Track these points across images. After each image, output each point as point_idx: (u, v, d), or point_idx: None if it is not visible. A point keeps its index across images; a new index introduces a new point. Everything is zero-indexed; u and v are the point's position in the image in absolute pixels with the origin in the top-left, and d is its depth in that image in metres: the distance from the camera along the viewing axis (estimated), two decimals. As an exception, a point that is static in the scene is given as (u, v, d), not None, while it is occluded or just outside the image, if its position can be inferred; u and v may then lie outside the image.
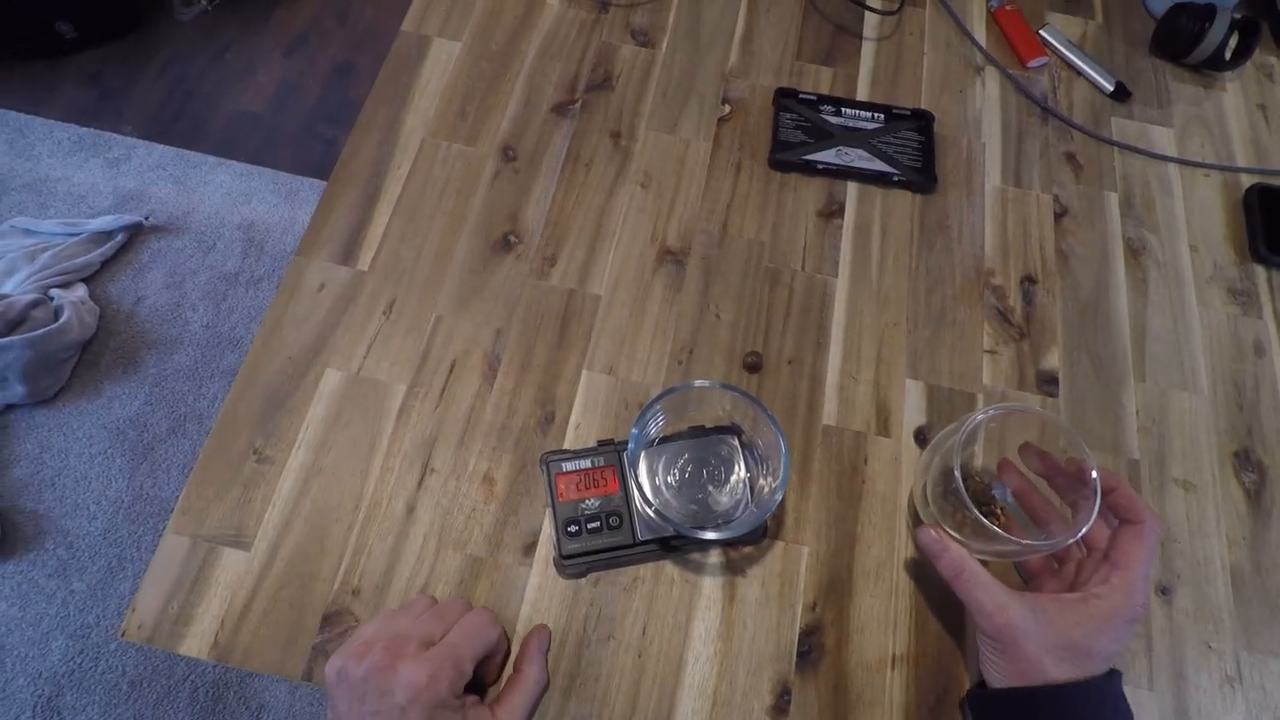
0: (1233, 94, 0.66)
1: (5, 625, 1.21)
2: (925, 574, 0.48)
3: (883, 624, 0.47)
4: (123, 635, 0.44)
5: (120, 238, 1.52)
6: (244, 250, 1.58)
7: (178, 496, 1.33)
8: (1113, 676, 0.38)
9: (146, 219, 1.56)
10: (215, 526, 0.47)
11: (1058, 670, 0.37)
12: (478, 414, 0.51)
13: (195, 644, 0.44)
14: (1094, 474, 0.40)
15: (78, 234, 1.48)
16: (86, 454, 1.35)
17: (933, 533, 0.43)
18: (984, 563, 0.41)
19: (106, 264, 1.51)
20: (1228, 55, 0.64)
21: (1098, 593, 0.38)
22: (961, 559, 0.41)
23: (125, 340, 1.46)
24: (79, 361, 1.41)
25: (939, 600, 0.47)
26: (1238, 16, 0.64)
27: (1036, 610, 0.38)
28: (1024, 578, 0.46)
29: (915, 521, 0.48)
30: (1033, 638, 0.37)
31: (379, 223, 0.57)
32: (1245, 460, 0.52)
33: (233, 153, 1.70)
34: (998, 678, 0.39)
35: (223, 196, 1.64)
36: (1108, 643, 0.37)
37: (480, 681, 0.43)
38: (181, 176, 1.65)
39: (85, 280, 1.47)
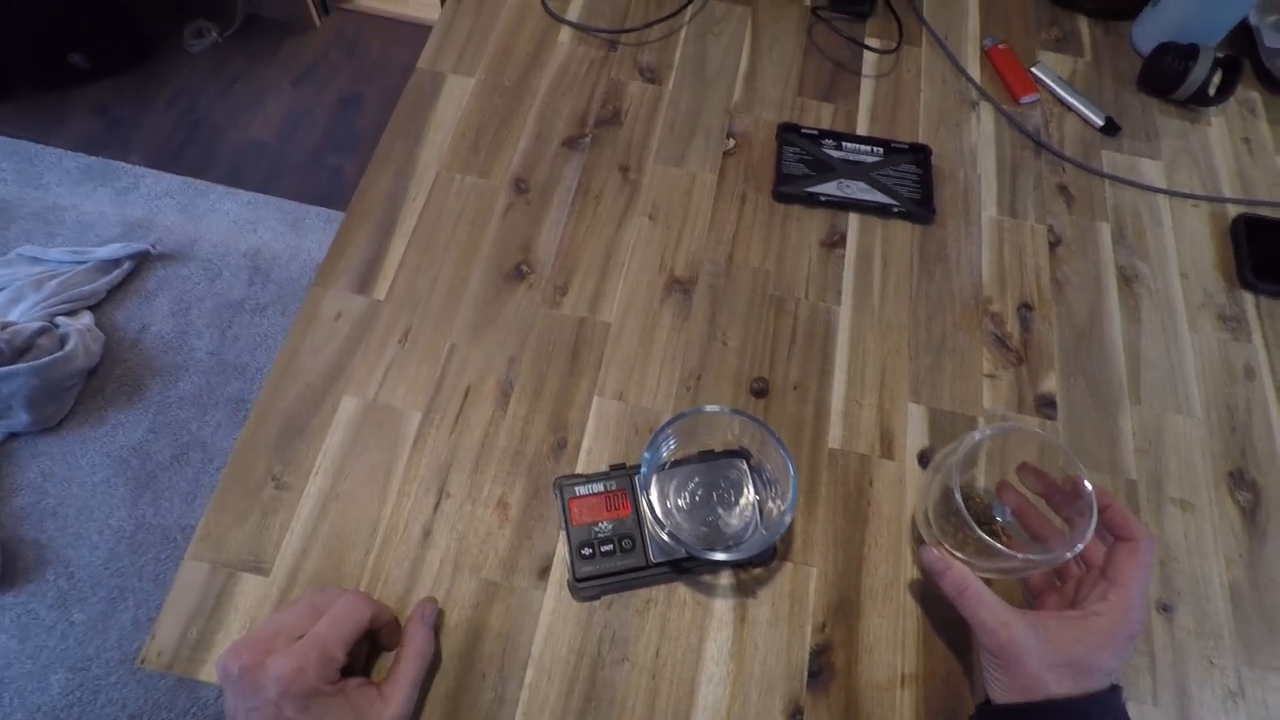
0: (1218, 128, 0.68)
1: (4, 658, 1.21)
2: (931, 594, 0.49)
3: (891, 644, 0.47)
4: (142, 663, 0.44)
5: (127, 266, 1.54)
6: (250, 278, 1.60)
7: (180, 525, 1.34)
8: (1114, 692, 0.39)
9: (153, 247, 1.58)
10: (234, 552, 0.47)
11: (1059, 686, 0.37)
12: (492, 440, 0.52)
13: (214, 671, 0.44)
14: (1089, 489, 0.41)
15: (84, 262, 1.49)
16: (89, 482, 1.36)
17: (935, 551, 0.44)
18: (987, 581, 0.42)
19: (113, 292, 1.53)
20: (1212, 91, 0.66)
21: (1097, 610, 0.39)
22: (964, 577, 0.42)
23: (130, 368, 1.47)
24: (84, 389, 1.42)
25: (945, 620, 0.48)
26: (1220, 55, 0.66)
27: (1038, 628, 0.39)
28: (1028, 596, 0.47)
29: (918, 541, 0.49)
30: (1034, 654, 0.38)
31: (395, 253, 0.59)
32: (1240, 480, 0.53)
33: (240, 181, 1.72)
34: (1001, 694, 0.40)
35: (229, 224, 1.66)
36: (1108, 658, 0.38)
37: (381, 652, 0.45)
38: (189, 205, 1.67)
39: (91, 308, 1.49)
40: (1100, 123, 0.67)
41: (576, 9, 0.73)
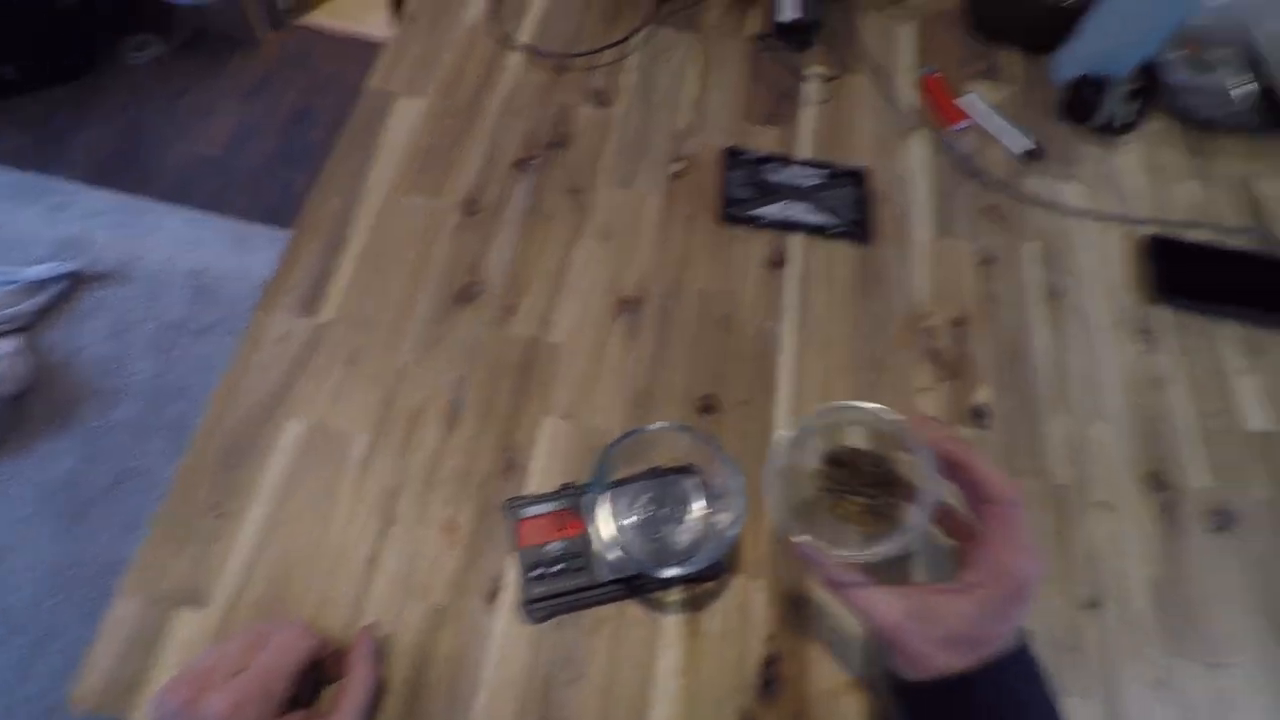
0: (1130, 154, 0.73)
1: (-79, 706, 1.14)
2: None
3: (839, 653, 0.49)
4: (73, 704, 0.42)
5: (58, 287, 1.48)
6: (193, 298, 1.55)
7: (118, 559, 1.28)
8: (1018, 652, 0.38)
9: (88, 267, 1.53)
10: (171, 585, 0.46)
11: (950, 661, 0.37)
12: (440, 461, 0.52)
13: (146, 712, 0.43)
14: (922, 447, 0.39)
15: (13, 283, 1.44)
16: (13, 517, 1.29)
17: (805, 540, 0.41)
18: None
19: (46, 313, 1.47)
20: (1125, 121, 0.71)
21: (971, 580, 0.38)
22: (835, 570, 0.40)
23: (62, 393, 1.41)
24: (8, 417, 1.36)
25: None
26: (1132, 87, 0.71)
27: (919, 608, 0.38)
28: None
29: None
30: (918, 636, 0.37)
31: (342, 274, 0.58)
32: (1156, 481, 0.56)
33: (184, 198, 1.68)
34: (900, 670, 0.39)
35: (172, 243, 1.61)
36: (997, 625, 0.37)
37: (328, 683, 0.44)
38: (127, 223, 1.62)
39: (21, 330, 1.43)
40: (1026, 149, 0.71)
41: (528, 32, 0.75)
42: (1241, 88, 0.77)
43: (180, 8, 1.84)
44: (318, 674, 0.44)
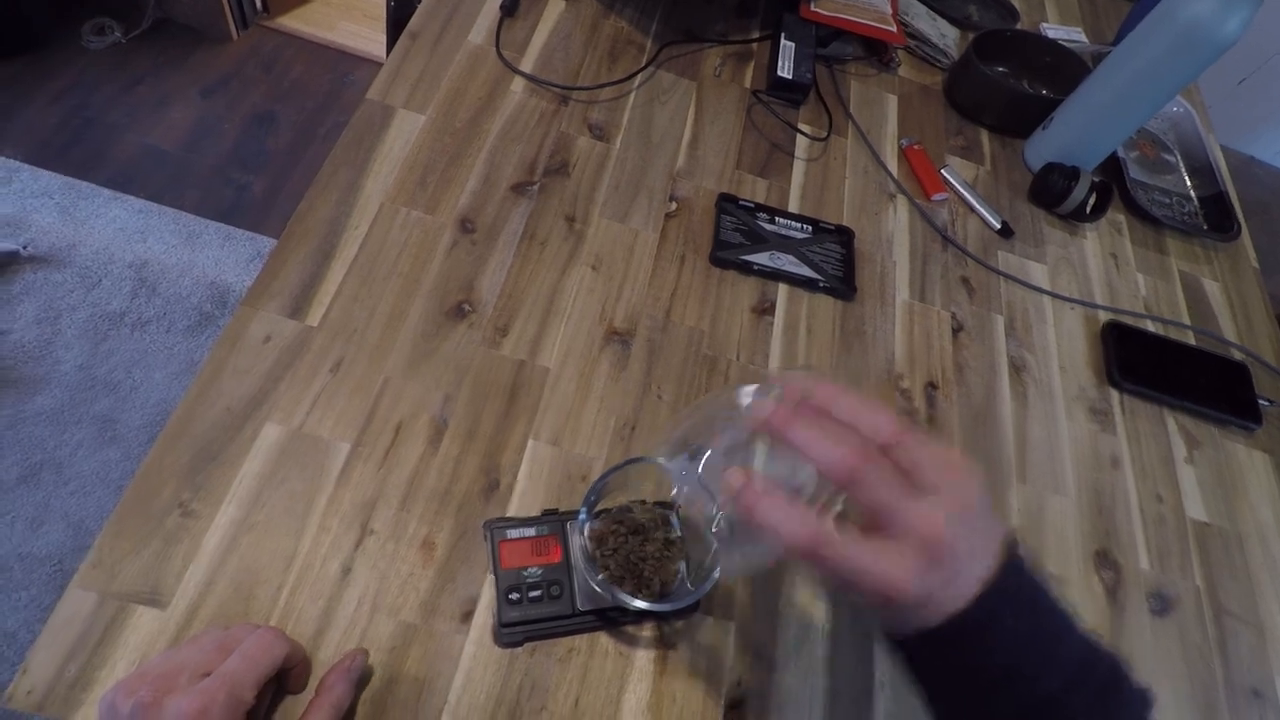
0: (1092, 241, 0.78)
1: None
2: (838, 656, 0.51)
3: (800, 701, 0.49)
4: (8, 701, 0.39)
5: (-11, 264, 1.40)
6: (134, 290, 1.49)
7: (19, 554, 1.19)
8: (1014, 558, 0.34)
9: (24, 248, 1.45)
10: (129, 583, 0.44)
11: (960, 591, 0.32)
12: (421, 478, 0.51)
13: (94, 712, 0.40)
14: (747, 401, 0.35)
15: (-58, 255, 1.35)
16: (-87, 500, 1.20)
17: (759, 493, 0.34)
18: None
19: (-30, 291, 1.38)
20: (1088, 210, 0.76)
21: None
22: (818, 527, 0.33)
23: (-19, 375, 1.32)
24: (-79, 394, 1.27)
25: (849, 680, 0.50)
26: (1096, 180, 0.77)
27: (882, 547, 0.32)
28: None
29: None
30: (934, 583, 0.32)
31: (332, 280, 0.57)
32: (1104, 560, 0.59)
33: (132, 187, 1.61)
34: (916, 621, 0.33)
35: (115, 232, 1.54)
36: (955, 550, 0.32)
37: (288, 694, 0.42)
38: (70, 207, 1.55)
39: (-55, 305, 1.34)
40: (997, 225, 0.76)
41: (530, 61, 0.76)
42: (1192, 192, 0.84)
43: (144, -5, 1.80)
44: (278, 684, 0.41)
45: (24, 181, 1.56)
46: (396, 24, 1.32)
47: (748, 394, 0.38)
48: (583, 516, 0.45)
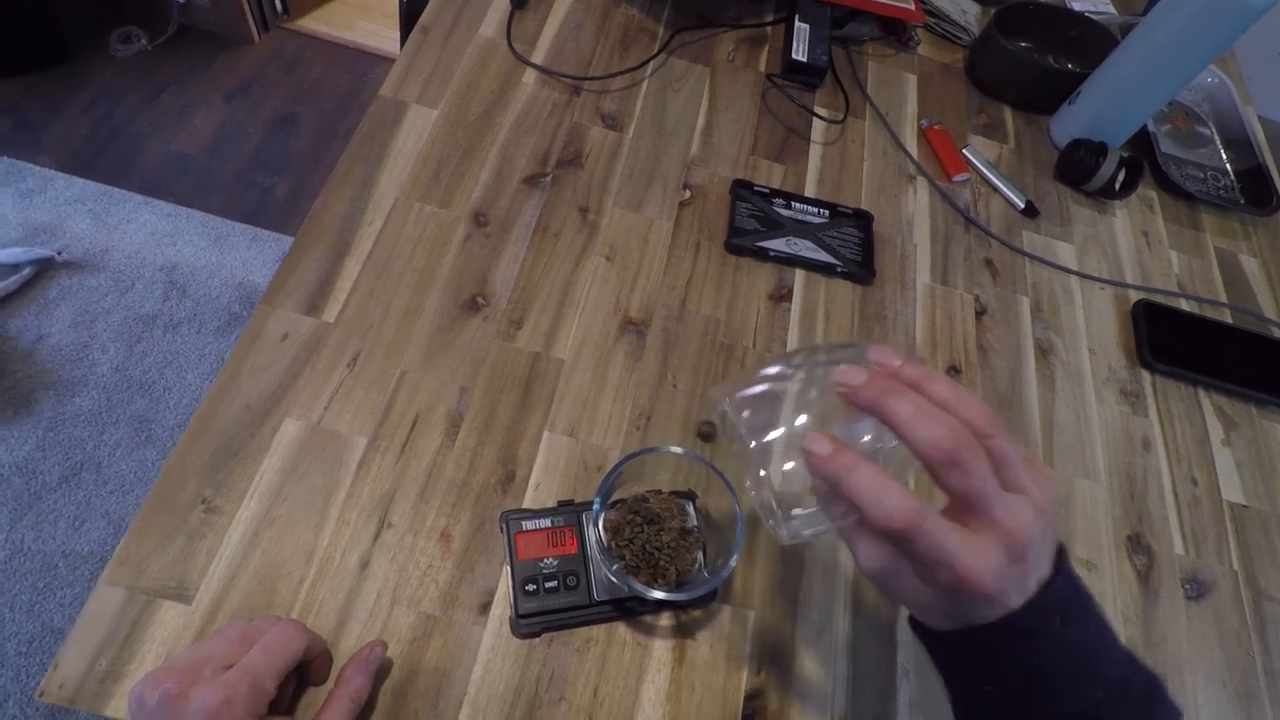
0: (1121, 220, 0.76)
1: None
2: (860, 643, 0.50)
3: (821, 690, 0.49)
4: (40, 695, 0.41)
5: (27, 272, 1.44)
6: (165, 293, 1.52)
7: (64, 551, 1.23)
8: (1062, 567, 0.34)
9: (59, 254, 1.49)
10: (155, 578, 0.45)
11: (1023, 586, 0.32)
12: (438, 470, 0.51)
13: (124, 704, 0.41)
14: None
15: (-20, 263, 1.39)
16: (-40, 502, 1.24)
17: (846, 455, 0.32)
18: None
19: (9, 298, 1.42)
20: (1117, 187, 0.74)
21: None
22: (918, 503, 0.31)
23: (20, 379, 1.37)
24: (-34, 398, 1.31)
25: (872, 667, 0.50)
26: (1125, 155, 0.74)
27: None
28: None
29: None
30: (1004, 578, 0.31)
31: (348, 276, 0.58)
32: (1137, 544, 0.58)
33: (160, 193, 1.65)
34: (979, 617, 0.32)
35: (146, 236, 1.58)
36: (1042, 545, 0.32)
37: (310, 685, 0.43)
38: (102, 213, 1.59)
39: (-14, 311, 1.38)
40: (1021, 205, 0.74)
41: (542, 53, 0.75)
42: (1227, 165, 0.81)
43: (170, 3, 1.83)
44: (300, 676, 0.42)
45: (58, 189, 1.60)
46: (410, 20, 1.33)
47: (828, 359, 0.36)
48: (596, 507, 0.45)
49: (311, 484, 0.49)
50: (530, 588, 0.47)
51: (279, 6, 1.96)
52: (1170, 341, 0.66)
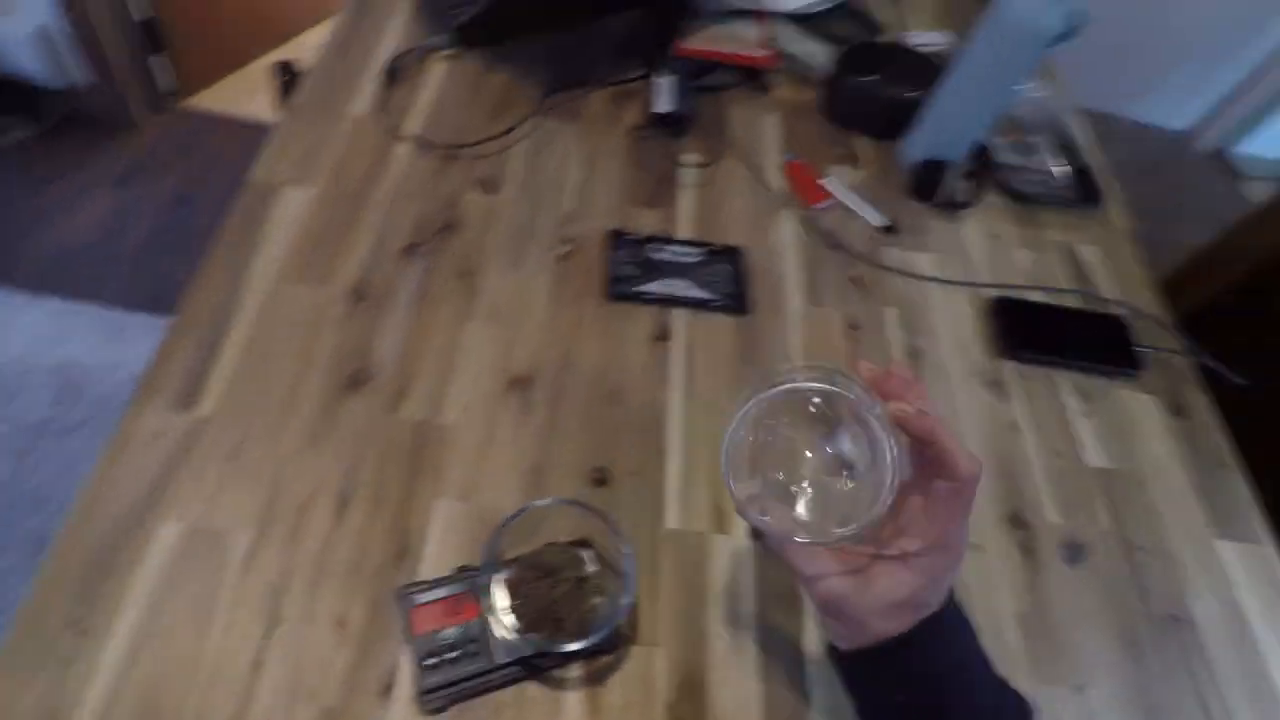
0: (971, 227, 0.82)
1: None
2: (773, 664, 0.52)
3: (740, 712, 0.49)
4: None
5: (-103, 391, 1.35)
6: (56, 396, 1.44)
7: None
8: (949, 608, 0.38)
9: (-67, 368, 1.40)
10: (22, 718, 0.42)
11: (885, 626, 0.37)
12: (329, 554, 0.51)
13: None
14: (881, 431, 0.36)
15: None
16: None
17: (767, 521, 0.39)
18: None
19: (-123, 422, 1.33)
20: (963, 198, 0.80)
21: (917, 552, 0.37)
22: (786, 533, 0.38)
23: (-104, 508, 1.27)
24: None
25: (787, 683, 0.51)
26: (967, 169, 0.80)
27: (858, 578, 0.37)
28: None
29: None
30: (857, 605, 0.37)
31: (224, 366, 0.57)
32: (1016, 521, 0.61)
33: (48, 288, 1.57)
34: (837, 638, 0.40)
35: (31, 337, 1.50)
36: (934, 593, 0.38)
37: None
38: (-21, 317, 1.50)
39: None
40: (882, 224, 0.79)
41: (417, 123, 0.77)
42: (1059, 168, 0.89)
43: (48, 91, 1.77)
44: None
45: (-73, 295, 1.51)
46: (285, 95, 1.33)
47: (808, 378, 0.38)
48: (484, 570, 0.45)
49: (194, 588, 0.47)
50: (431, 661, 0.46)
51: (166, 87, 1.92)
52: (1024, 331, 0.72)
